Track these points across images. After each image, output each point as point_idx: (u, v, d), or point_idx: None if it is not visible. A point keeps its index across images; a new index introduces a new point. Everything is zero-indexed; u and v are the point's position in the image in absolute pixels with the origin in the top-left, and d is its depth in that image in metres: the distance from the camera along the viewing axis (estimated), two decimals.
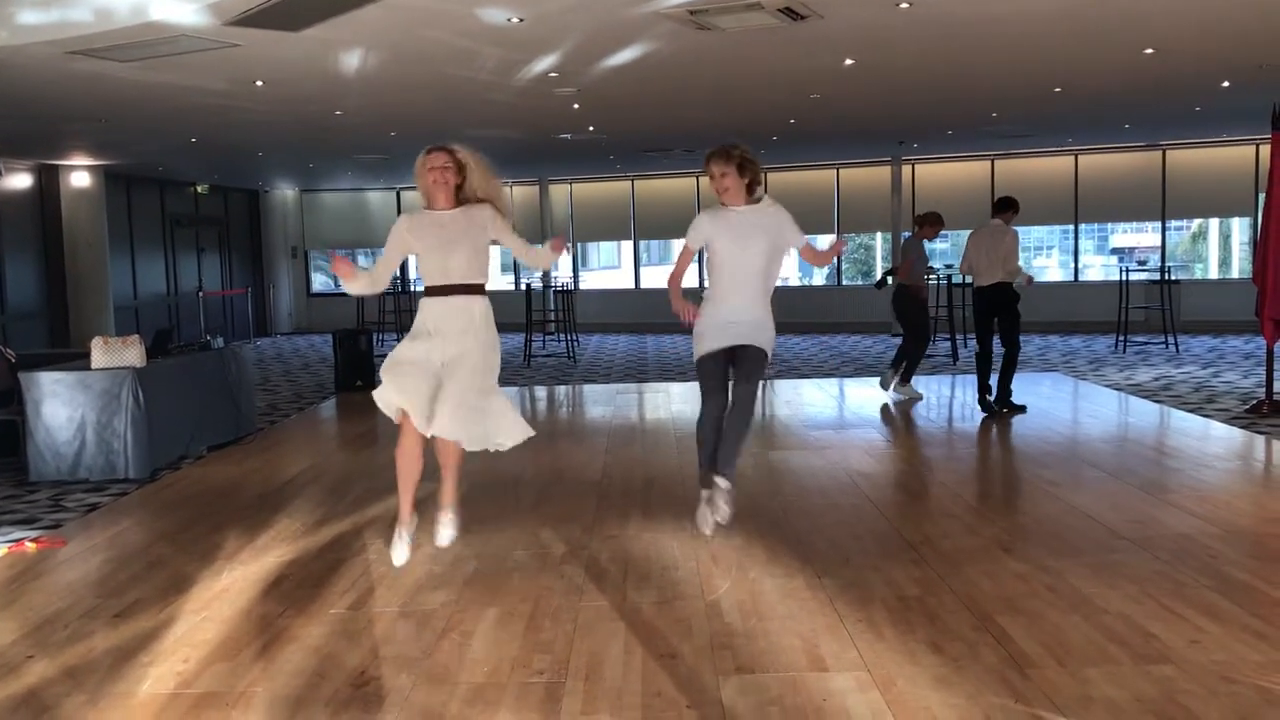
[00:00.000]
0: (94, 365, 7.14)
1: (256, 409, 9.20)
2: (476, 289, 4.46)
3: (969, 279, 8.60)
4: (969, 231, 8.66)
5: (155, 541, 5.44)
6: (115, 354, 7.19)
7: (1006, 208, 8.44)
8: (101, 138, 11.55)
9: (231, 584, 4.65)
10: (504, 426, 4.49)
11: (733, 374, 4.75)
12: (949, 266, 13.79)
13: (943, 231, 9.70)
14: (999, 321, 8.32)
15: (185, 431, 7.64)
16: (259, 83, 8.18)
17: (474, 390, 4.37)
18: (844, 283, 18.40)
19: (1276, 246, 8.09)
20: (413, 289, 16.39)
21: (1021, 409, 8.55)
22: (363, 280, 4.45)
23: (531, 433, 4.59)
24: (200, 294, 17.46)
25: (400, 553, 4.58)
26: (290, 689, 3.50)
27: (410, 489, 4.52)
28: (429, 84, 8.54)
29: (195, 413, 7.78)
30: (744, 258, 4.70)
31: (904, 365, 9.37)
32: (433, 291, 4.44)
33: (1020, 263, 8.38)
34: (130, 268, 16.02)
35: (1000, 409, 8.49)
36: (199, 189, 17.87)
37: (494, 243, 4.54)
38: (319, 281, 21.35)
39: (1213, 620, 3.85)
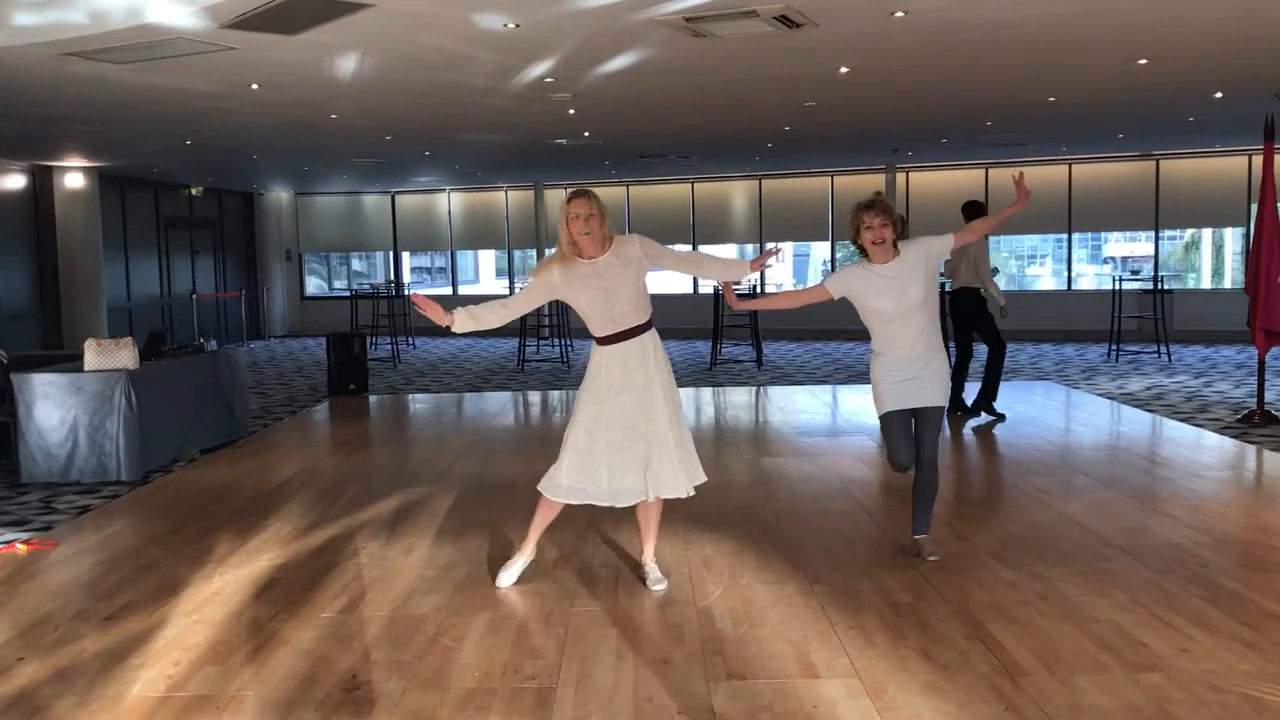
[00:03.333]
0: (87, 367, 7.12)
1: (249, 412, 9.18)
2: (645, 327, 4.42)
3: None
4: None
5: (147, 544, 5.43)
6: (108, 356, 7.17)
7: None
8: (96, 139, 11.53)
9: (223, 587, 4.65)
10: (688, 470, 4.48)
11: (915, 436, 4.69)
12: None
13: None
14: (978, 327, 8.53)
15: (178, 434, 7.63)
16: (255, 86, 8.18)
17: (671, 439, 4.39)
18: None
19: (1268, 256, 8.14)
20: (406, 292, 16.33)
21: (1001, 417, 8.58)
22: (465, 318, 4.35)
23: (693, 487, 4.52)
24: (194, 296, 17.43)
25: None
26: (281, 692, 3.50)
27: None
28: (425, 88, 8.54)
29: (188, 415, 7.77)
30: (904, 303, 4.55)
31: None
32: (604, 340, 4.40)
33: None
34: (124, 270, 15.99)
35: (977, 412, 8.61)
36: (193, 191, 17.85)
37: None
38: (312, 285, 21.34)
39: (1203, 629, 3.87)
